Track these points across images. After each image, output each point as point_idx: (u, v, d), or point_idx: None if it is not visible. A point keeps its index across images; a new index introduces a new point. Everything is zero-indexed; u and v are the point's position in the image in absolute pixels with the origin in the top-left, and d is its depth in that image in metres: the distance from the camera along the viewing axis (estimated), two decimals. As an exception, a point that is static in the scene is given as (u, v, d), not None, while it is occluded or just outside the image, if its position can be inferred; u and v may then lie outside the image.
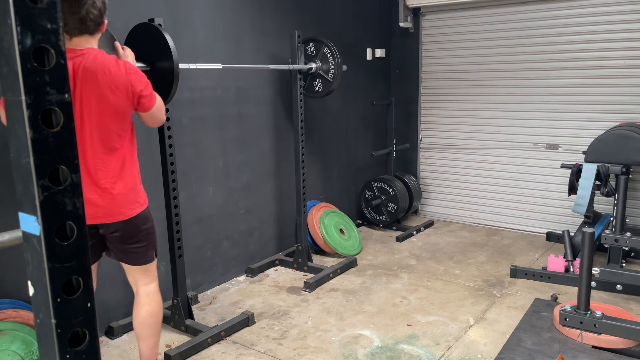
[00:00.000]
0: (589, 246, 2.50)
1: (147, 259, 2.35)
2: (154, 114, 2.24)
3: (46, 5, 0.58)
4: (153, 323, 2.39)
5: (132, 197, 2.20)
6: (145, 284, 2.37)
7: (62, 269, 0.62)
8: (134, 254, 2.30)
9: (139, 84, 2.11)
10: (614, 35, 4.21)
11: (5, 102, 0.60)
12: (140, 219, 2.25)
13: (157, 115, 2.27)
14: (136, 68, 2.16)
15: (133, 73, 2.11)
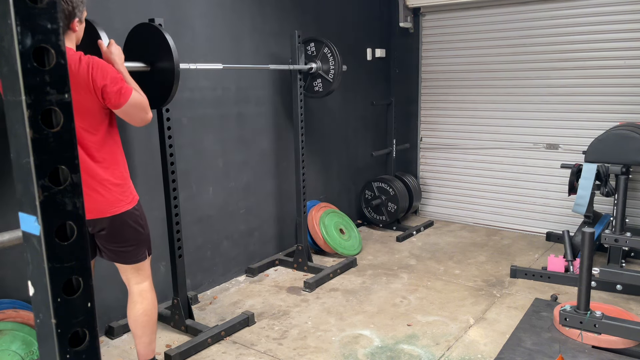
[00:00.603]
0: (589, 246, 2.50)
1: (139, 258, 2.33)
2: (128, 111, 2.14)
3: (46, 5, 0.58)
4: (146, 321, 2.38)
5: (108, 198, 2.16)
6: (138, 283, 2.36)
7: (62, 269, 0.62)
8: (124, 253, 2.29)
9: (102, 79, 2.04)
10: (614, 35, 4.21)
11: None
12: (127, 217, 2.22)
13: (133, 112, 2.15)
14: (103, 63, 2.07)
15: (96, 68, 2.03)
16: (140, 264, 2.34)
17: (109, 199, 2.16)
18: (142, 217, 2.33)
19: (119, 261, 2.32)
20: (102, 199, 2.15)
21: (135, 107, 2.15)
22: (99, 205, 2.15)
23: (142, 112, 2.19)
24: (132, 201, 2.26)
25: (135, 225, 2.27)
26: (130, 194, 2.25)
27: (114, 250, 2.28)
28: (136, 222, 2.27)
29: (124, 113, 2.15)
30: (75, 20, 2.08)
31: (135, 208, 2.27)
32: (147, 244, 2.37)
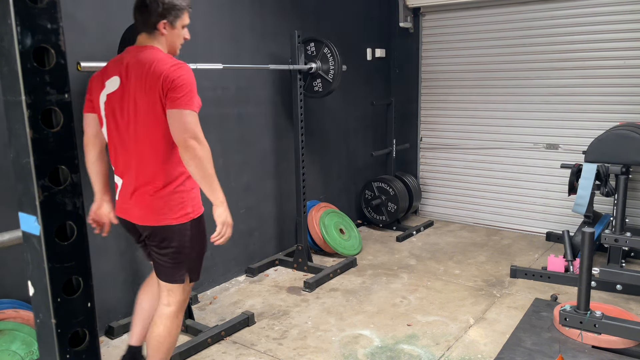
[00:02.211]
0: (589, 246, 2.50)
1: (173, 277, 2.16)
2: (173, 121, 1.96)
3: (46, 5, 0.58)
4: (156, 346, 2.20)
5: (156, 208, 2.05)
6: (164, 304, 2.20)
7: (62, 269, 0.62)
8: (160, 266, 2.16)
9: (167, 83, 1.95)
10: (614, 35, 4.21)
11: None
12: (169, 231, 2.08)
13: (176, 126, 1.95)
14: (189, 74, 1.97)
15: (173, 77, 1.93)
16: (173, 286, 2.17)
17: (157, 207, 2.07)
18: (192, 235, 2.12)
19: (156, 271, 2.22)
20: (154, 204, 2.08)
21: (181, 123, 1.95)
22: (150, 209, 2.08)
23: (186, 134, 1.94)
24: (180, 216, 2.08)
25: (176, 243, 2.10)
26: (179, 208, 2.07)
27: (155, 256, 2.17)
28: (179, 239, 2.10)
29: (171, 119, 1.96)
30: (163, 22, 2.03)
31: (187, 225, 2.09)
32: (191, 268, 2.18)
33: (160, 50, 2.06)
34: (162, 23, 2.03)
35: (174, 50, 2.15)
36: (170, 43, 2.11)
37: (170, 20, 2.04)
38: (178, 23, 2.08)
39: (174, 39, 2.11)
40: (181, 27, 2.11)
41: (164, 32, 2.05)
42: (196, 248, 2.17)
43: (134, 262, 3.18)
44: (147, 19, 2.02)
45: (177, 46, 2.15)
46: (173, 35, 2.09)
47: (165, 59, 1.99)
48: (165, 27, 2.05)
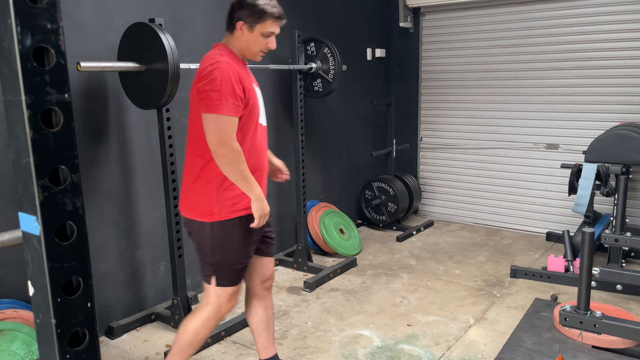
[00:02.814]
0: (589, 246, 2.50)
1: (204, 276, 2.18)
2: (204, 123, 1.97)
3: (46, 5, 0.58)
4: (180, 334, 2.21)
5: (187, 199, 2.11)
6: (203, 300, 2.20)
7: (62, 269, 0.62)
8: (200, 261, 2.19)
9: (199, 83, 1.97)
10: (614, 35, 4.21)
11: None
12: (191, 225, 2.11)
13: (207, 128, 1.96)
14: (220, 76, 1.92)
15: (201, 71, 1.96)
16: (207, 286, 2.17)
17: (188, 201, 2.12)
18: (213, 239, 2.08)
19: None
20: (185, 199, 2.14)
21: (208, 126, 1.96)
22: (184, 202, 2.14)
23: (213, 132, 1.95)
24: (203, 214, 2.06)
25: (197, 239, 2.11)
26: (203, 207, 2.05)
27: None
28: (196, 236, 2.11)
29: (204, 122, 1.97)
30: (241, 22, 2.02)
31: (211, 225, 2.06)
32: (217, 271, 2.13)
33: (222, 48, 2.06)
34: (240, 23, 2.03)
35: (250, 55, 2.12)
36: (245, 47, 2.08)
37: (249, 22, 2.02)
38: (258, 28, 2.03)
39: (250, 44, 2.07)
40: (260, 34, 2.05)
41: (240, 32, 2.04)
42: (219, 252, 2.10)
43: (134, 262, 3.18)
44: (229, 16, 2.05)
45: (254, 52, 2.10)
46: (249, 39, 2.05)
47: (211, 57, 1.98)
48: (242, 29, 2.03)
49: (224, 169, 1.96)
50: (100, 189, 2.96)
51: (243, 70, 2.07)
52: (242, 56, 2.12)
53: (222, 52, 2.03)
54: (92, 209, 2.92)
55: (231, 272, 2.14)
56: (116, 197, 3.04)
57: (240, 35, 2.05)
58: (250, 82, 2.09)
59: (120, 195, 3.06)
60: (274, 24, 2.08)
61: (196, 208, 2.07)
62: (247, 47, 2.08)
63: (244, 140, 2.04)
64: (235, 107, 1.94)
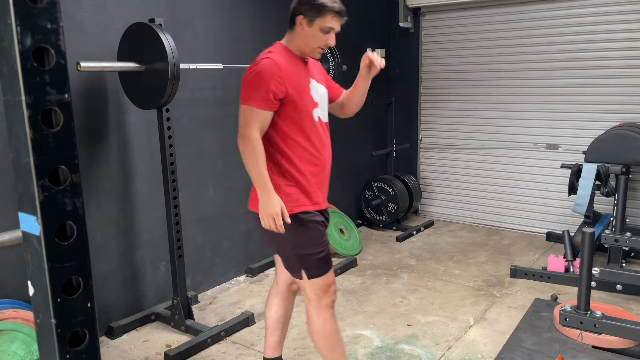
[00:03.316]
0: (589, 246, 2.50)
1: (293, 273, 2.14)
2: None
3: (46, 5, 0.58)
4: (315, 345, 2.21)
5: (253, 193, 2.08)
6: (306, 302, 2.19)
7: (62, 269, 0.62)
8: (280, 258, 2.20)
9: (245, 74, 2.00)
10: (614, 35, 4.21)
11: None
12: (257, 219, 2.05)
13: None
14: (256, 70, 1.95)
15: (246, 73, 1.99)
16: (299, 282, 2.15)
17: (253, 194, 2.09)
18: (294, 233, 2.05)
19: None
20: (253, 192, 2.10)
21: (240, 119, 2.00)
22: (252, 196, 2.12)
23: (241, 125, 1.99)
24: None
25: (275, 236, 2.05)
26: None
27: None
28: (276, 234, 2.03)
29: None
30: (301, 17, 2.01)
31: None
32: (304, 265, 2.09)
33: (276, 45, 2.06)
34: (300, 18, 2.01)
35: (309, 51, 2.10)
36: (304, 42, 2.06)
37: (308, 17, 2.00)
38: (317, 23, 2.01)
39: (309, 39, 2.05)
40: (319, 29, 2.03)
41: (300, 28, 2.03)
42: (294, 245, 2.08)
43: (134, 262, 3.18)
44: (290, 11, 2.05)
45: (312, 47, 2.08)
46: (308, 34, 2.03)
47: (260, 55, 2.00)
48: (302, 23, 2.02)
49: (243, 157, 1.98)
50: (100, 189, 2.96)
51: (295, 66, 2.05)
52: (300, 53, 2.10)
53: (272, 49, 2.04)
54: (92, 209, 2.92)
55: (315, 262, 2.10)
56: (116, 197, 3.04)
57: (300, 30, 2.04)
58: (303, 78, 2.07)
59: (120, 195, 3.06)
60: (334, 20, 2.06)
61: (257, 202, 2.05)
62: (306, 42, 2.06)
63: (295, 134, 2.03)
64: (265, 101, 1.94)
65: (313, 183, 2.10)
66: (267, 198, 1.97)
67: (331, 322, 2.18)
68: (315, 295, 2.14)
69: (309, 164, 2.08)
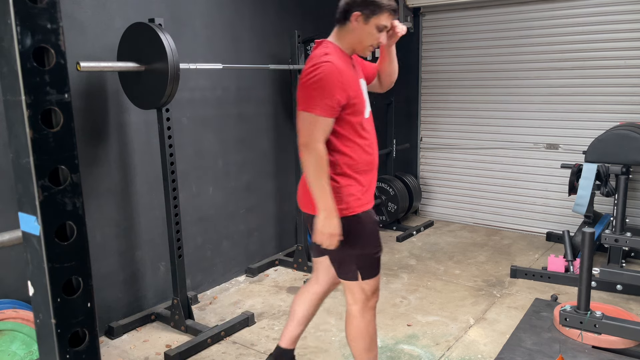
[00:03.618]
0: (589, 246, 2.50)
1: (345, 275, 2.10)
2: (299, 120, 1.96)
3: (46, 5, 0.58)
4: (353, 347, 2.20)
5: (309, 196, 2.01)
6: (349, 303, 2.16)
7: (62, 269, 0.62)
8: (330, 260, 2.13)
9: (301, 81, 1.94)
10: (614, 35, 4.21)
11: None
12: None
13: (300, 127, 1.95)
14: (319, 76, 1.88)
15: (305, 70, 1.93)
16: (349, 283, 2.11)
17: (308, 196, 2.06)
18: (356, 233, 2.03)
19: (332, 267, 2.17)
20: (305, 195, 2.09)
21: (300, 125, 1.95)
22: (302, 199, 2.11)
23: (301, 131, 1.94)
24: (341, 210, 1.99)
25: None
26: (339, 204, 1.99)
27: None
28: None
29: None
30: (357, 13, 1.97)
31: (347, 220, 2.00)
32: (360, 266, 2.08)
33: (328, 45, 2.01)
34: (356, 14, 1.97)
35: (361, 49, 2.06)
36: (357, 40, 2.02)
37: (365, 13, 1.96)
38: (373, 20, 1.97)
39: (363, 37, 2.01)
40: (375, 27, 1.99)
41: (355, 24, 1.98)
42: (355, 245, 2.05)
43: (134, 262, 3.18)
44: (343, 7, 2.00)
45: (365, 45, 2.04)
46: (363, 31, 1.99)
47: (315, 57, 1.94)
48: (358, 20, 1.97)
49: (305, 168, 1.94)
50: (100, 189, 2.96)
51: (348, 68, 2.02)
52: (351, 50, 2.07)
53: (327, 51, 1.97)
54: (92, 209, 2.92)
55: (372, 262, 2.12)
56: (116, 197, 3.04)
57: (355, 27, 1.99)
58: (356, 78, 2.04)
59: (120, 195, 3.06)
60: (389, 18, 2.02)
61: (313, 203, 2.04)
62: (359, 39, 2.02)
63: (352, 135, 2.01)
64: (330, 109, 1.90)
65: (369, 181, 2.09)
66: (329, 218, 1.93)
67: (373, 324, 2.20)
68: (364, 297, 2.13)
69: (365, 163, 2.07)
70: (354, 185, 2.02)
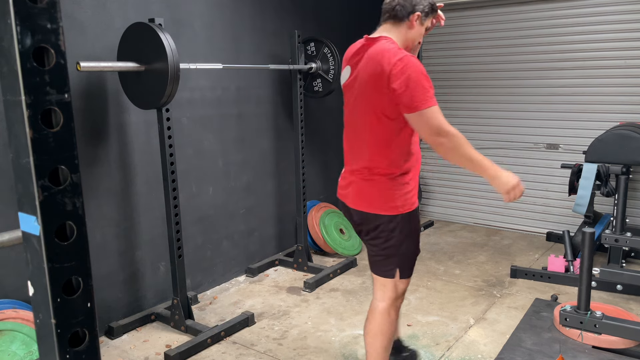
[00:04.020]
0: (589, 246, 2.50)
1: (383, 271, 2.14)
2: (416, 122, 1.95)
3: (46, 5, 0.58)
4: (369, 342, 2.22)
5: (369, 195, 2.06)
6: (377, 299, 2.19)
7: (62, 269, 0.62)
8: (371, 256, 2.18)
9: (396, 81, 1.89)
10: (614, 35, 4.21)
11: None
12: (378, 221, 2.05)
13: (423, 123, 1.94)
14: (419, 69, 1.90)
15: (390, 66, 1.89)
16: (384, 280, 2.15)
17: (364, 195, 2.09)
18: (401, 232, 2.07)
19: (369, 262, 2.21)
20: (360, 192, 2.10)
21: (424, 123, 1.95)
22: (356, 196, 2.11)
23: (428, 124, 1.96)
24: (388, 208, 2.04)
25: (381, 233, 2.07)
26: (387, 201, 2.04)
27: (366, 245, 2.19)
28: (385, 230, 2.06)
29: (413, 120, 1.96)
30: (418, 14, 2.02)
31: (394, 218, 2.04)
32: (401, 264, 2.13)
33: (392, 42, 2.02)
34: (417, 15, 2.03)
35: (412, 47, 2.12)
36: (410, 38, 2.08)
37: (423, 15, 2.05)
38: (427, 22, 2.07)
39: (415, 36, 2.08)
40: (426, 27, 2.08)
41: (414, 24, 2.04)
42: (405, 244, 2.11)
43: (134, 262, 3.18)
44: (405, 7, 2.03)
45: (414, 45, 2.11)
46: (418, 31, 2.06)
47: (392, 52, 1.93)
48: (417, 21, 2.04)
49: (449, 155, 1.96)
50: (100, 189, 2.96)
51: None
52: (404, 47, 2.09)
53: (399, 48, 1.98)
54: (92, 209, 2.92)
55: (412, 262, 2.19)
56: (116, 197, 3.04)
57: (412, 26, 2.05)
58: None
59: (120, 195, 3.06)
60: (435, 20, 2.12)
61: (379, 202, 2.05)
62: (413, 39, 2.08)
63: (410, 131, 2.04)
64: (434, 96, 1.96)
65: (416, 179, 2.14)
66: (501, 173, 2.03)
67: (395, 324, 2.24)
68: (395, 295, 2.17)
69: (415, 161, 2.11)
70: (410, 183, 2.08)
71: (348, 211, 2.18)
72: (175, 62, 2.59)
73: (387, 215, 2.04)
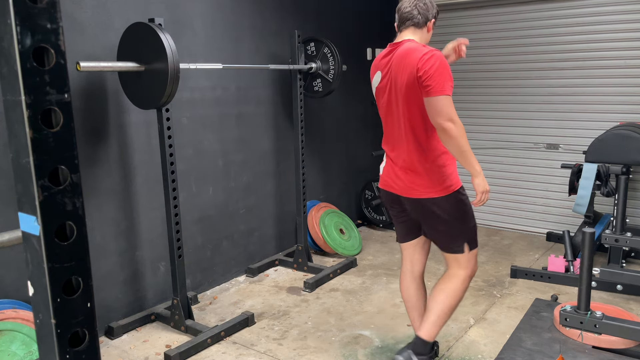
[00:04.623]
0: (589, 246, 2.49)
1: (453, 249, 2.37)
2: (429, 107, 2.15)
3: (46, 5, 0.58)
4: (441, 301, 2.39)
5: (420, 182, 2.27)
6: (453, 268, 2.41)
7: (62, 269, 0.62)
8: (437, 238, 2.41)
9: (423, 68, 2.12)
10: (614, 35, 4.21)
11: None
12: (436, 204, 2.27)
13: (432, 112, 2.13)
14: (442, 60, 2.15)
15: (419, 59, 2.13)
16: (457, 255, 2.38)
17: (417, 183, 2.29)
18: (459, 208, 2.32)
19: (436, 244, 2.46)
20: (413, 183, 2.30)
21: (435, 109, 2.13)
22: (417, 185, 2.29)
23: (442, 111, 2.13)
24: (442, 189, 2.27)
25: (442, 213, 2.29)
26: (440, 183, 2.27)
27: (427, 230, 2.42)
28: (444, 211, 2.29)
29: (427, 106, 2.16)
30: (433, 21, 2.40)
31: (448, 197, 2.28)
32: (468, 238, 2.37)
33: (417, 42, 2.30)
34: (432, 22, 2.40)
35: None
36: (425, 40, 2.39)
37: (435, 21, 2.41)
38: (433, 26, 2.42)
39: (428, 40, 2.42)
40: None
41: (430, 29, 2.40)
42: (464, 218, 2.35)
43: (134, 262, 3.18)
44: (425, 15, 2.34)
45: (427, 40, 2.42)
46: (430, 35, 2.43)
47: (420, 49, 2.19)
48: (432, 26, 2.41)
49: (449, 142, 2.15)
50: (100, 189, 2.96)
51: None
52: None
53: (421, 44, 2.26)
54: (92, 209, 2.92)
55: (475, 232, 2.42)
56: (116, 197, 3.04)
57: (428, 31, 2.41)
58: None
59: (120, 195, 3.06)
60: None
61: (433, 186, 2.26)
62: (427, 40, 2.41)
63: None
64: (452, 88, 2.17)
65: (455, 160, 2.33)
66: (482, 176, 2.28)
67: (464, 293, 2.43)
68: (471, 265, 2.40)
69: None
70: (452, 164, 2.30)
71: (397, 199, 2.38)
72: (175, 62, 2.59)
73: (441, 196, 2.27)
